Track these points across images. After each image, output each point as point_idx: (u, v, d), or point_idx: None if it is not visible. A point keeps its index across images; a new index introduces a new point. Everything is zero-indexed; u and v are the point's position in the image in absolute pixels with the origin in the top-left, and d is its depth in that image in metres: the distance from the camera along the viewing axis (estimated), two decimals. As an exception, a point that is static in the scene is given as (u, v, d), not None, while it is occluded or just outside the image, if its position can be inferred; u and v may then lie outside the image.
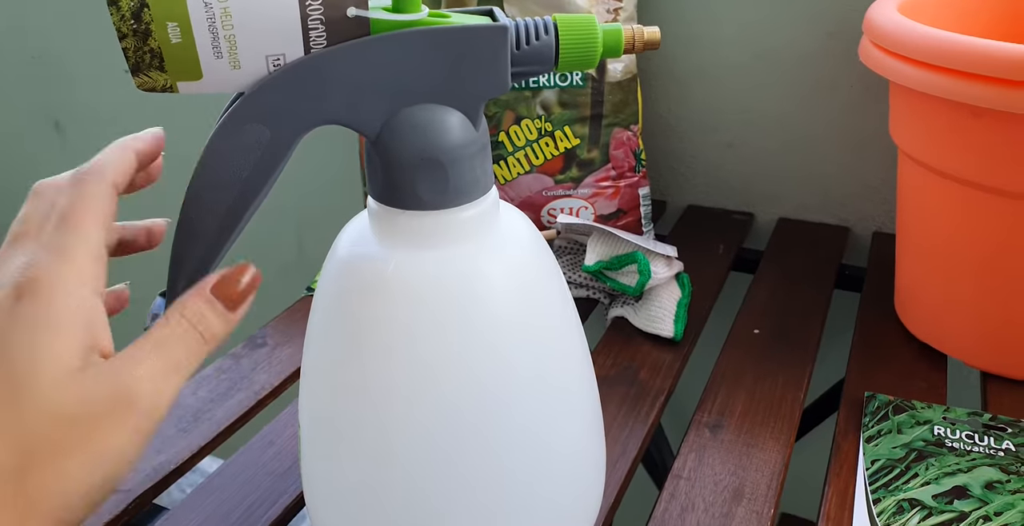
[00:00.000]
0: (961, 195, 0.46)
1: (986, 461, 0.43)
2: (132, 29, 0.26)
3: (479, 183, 0.29)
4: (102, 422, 0.23)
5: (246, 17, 0.26)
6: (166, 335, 0.25)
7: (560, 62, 0.29)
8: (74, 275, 0.24)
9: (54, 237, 0.25)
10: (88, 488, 0.23)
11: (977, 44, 0.39)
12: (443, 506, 0.31)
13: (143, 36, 0.26)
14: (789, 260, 0.64)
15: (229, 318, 0.26)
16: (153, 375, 0.24)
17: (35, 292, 0.24)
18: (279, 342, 0.56)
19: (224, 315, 0.26)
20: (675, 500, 0.42)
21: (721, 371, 0.52)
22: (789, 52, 0.66)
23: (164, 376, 0.25)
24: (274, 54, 0.27)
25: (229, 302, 0.26)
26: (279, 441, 0.47)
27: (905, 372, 0.51)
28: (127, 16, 0.25)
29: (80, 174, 0.27)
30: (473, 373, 0.29)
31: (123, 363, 0.24)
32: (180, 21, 0.26)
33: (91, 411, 0.23)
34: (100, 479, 0.24)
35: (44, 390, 0.23)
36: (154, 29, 0.26)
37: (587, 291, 0.59)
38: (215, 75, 0.27)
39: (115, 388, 0.24)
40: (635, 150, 0.62)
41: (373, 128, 0.28)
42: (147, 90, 0.27)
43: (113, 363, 0.24)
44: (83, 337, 0.24)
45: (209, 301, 0.26)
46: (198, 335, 0.26)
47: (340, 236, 0.31)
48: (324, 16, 0.26)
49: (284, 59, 0.27)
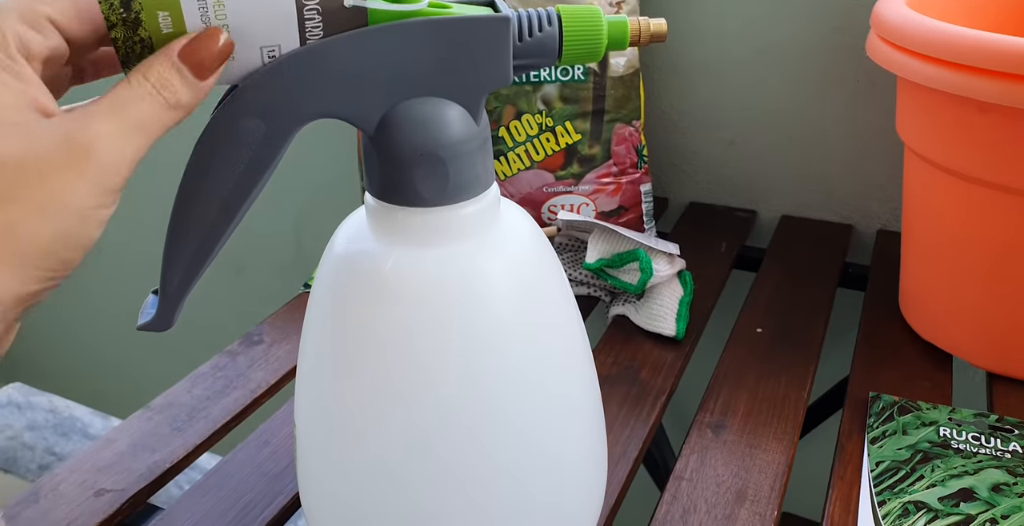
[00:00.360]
0: (968, 192, 0.45)
1: (993, 463, 0.42)
2: (121, 18, 0.25)
3: (480, 179, 0.28)
4: (53, 172, 0.23)
5: (240, 6, 0.25)
6: (126, 95, 0.24)
7: (564, 55, 0.29)
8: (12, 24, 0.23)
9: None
10: (42, 238, 0.23)
11: (985, 39, 0.39)
12: (440, 506, 0.30)
13: (133, 25, 0.25)
14: (792, 258, 0.64)
15: (198, 86, 0.25)
16: (111, 132, 0.24)
17: None
18: (276, 339, 0.55)
19: (192, 82, 0.25)
20: (677, 502, 0.41)
21: (723, 370, 0.51)
22: (794, 47, 0.65)
23: (123, 134, 0.24)
24: (269, 45, 0.26)
25: (198, 68, 0.25)
26: (275, 440, 0.46)
27: (910, 372, 0.50)
28: (116, 5, 0.25)
29: None
30: (472, 372, 0.28)
31: (74, 118, 0.23)
32: (171, 10, 0.25)
33: (39, 161, 0.23)
34: (56, 230, 0.23)
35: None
36: (144, 18, 0.25)
37: (588, 289, 0.59)
38: None
39: (67, 141, 0.23)
40: (637, 146, 0.62)
41: (370, 122, 0.27)
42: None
43: (62, 118, 0.23)
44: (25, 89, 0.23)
45: (176, 66, 0.25)
46: (162, 99, 0.24)
47: (337, 233, 0.31)
48: (320, 6, 0.26)
49: (279, 51, 0.26)
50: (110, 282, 1.18)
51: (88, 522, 0.40)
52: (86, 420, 0.94)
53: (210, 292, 1.06)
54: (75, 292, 1.24)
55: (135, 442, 0.46)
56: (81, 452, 0.45)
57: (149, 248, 0.34)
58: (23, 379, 1.06)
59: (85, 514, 0.41)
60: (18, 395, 0.96)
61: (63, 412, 0.94)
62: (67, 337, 1.32)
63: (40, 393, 0.97)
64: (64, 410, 0.95)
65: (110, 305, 1.21)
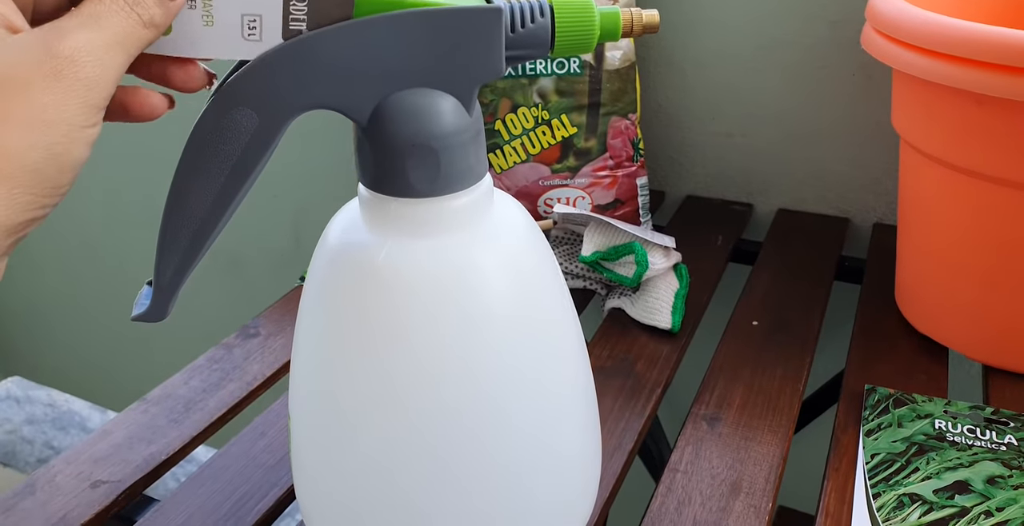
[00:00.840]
0: (964, 185, 0.45)
1: (988, 456, 0.42)
2: None
3: (472, 170, 0.28)
4: (36, 85, 0.22)
5: None
6: (100, 10, 0.24)
7: (556, 46, 0.29)
8: None
9: None
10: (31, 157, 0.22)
11: (980, 31, 0.39)
12: (433, 498, 0.30)
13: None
14: (788, 251, 0.64)
15: (168, 5, 0.25)
16: (92, 46, 0.23)
17: None
18: (272, 332, 0.55)
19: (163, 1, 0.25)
20: (672, 494, 0.41)
21: (719, 363, 0.51)
22: (791, 41, 0.65)
23: (104, 49, 0.23)
24: (251, 14, 0.26)
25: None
26: (271, 432, 0.46)
27: (906, 365, 0.50)
28: None
29: None
30: (465, 363, 0.28)
31: (50, 31, 0.23)
32: None
33: (20, 74, 0.22)
34: (45, 148, 0.23)
35: None
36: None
37: (584, 282, 0.59)
38: (186, 29, 0.26)
39: (48, 53, 0.23)
40: (633, 139, 0.62)
41: (363, 113, 0.27)
42: None
43: (37, 32, 0.23)
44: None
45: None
46: (136, 16, 0.24)
47: (330, 224, 0.31)
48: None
49: (260, 21, 0.26)
50: (107, 277, 1.18)
51: (84, 513, 0.41)
52: (84, 414, 0.94)
53: (207, 286, 1.06)
54: (73, 286, 1.24)
55: (131, 434, 0.46)
56: (78, 444, 0.45)
57: (145, 241, 0.34)
58: (22, 373, 1.06)
59: (81, 505, 0.41)
60: (17, 389, 0.96)
61: (62, 406, 0.95)
62: (65, 331, 1.32)
63: (39, 387, 0.97)
64: (63, 404, 0.95)
65: (108, 299, 1.21)
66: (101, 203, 1.07)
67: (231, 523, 0.40)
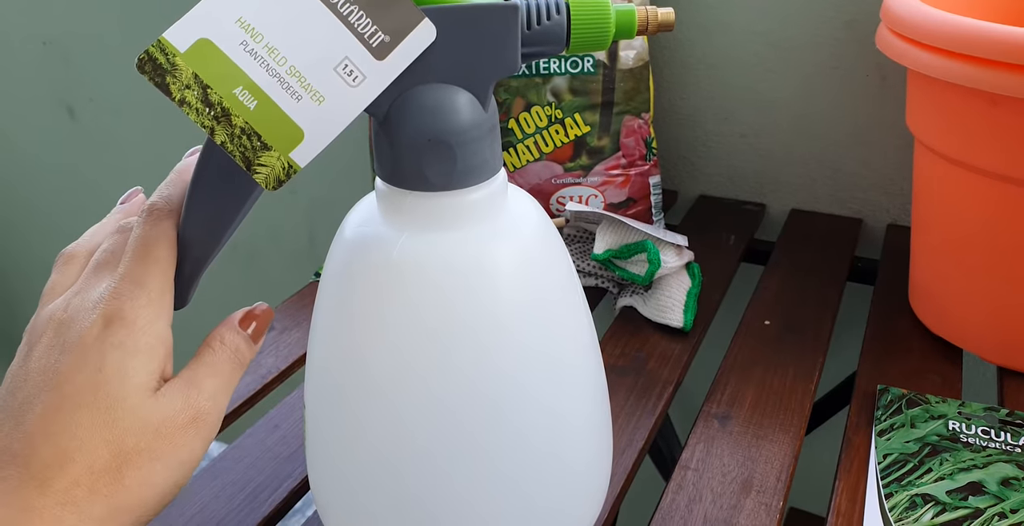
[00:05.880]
0: (978, 185, 0.45)
1: (1002, 457, 0.42)
2: (214, 118, 0.25)
3: (487, 164, 0.29)
4: (180, 434, 0.28)
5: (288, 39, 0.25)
6: (216, 360, 0.30)
7: (572, 43, 0.29)
8: (154, 307, 0.28)
9: (134, 268, 0.28)
10: (165, 490, 0.28)
11: (996, 31, 0.39)
12: (448, 490, 0.30)
13: (226, 117, 0.25)
14: (801, 252, 0.64)
15: (254, 348, 0.31)
16: (214, 394, 0.29)
17: (122, 320, 0.27)
18: (287, 326, 0.56)
19: (251, 344, 0.31)
20: (683, 491, 0.41)
21: (731, 362, 0.51)
22: (805, 41, 0.65)
23: (220, 394, 0.29)
24: (337, 62, 0.26)
25: (256, 335, 0.31)
26: (284, 424, 0.47)
27: (919, 366, 0.50)
28: (200, 108, 0.25)
29: (155, 209, 0.29)
30: (480, 355, 0.29)
31: (188, 385, 0.28)
32: (240, 80, 0.25)
33: (173, 424, 0.27)
34: (174, 483, 0.28)
35: (134, 406, 0.27)
36: (228, 104, 0.25)
37: (596, 280, 0.59)
38: (310, 123, 0.26)
39: (188, 405, 0.28)
40: (646, 138, 0.62)
41: (380, 108, 0.27)
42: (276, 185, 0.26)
43: (179, 385, 0.28)
44: (160, 364, 0.28)
45: (241, 333, 0.31)
46: (237, 361, 0.30)
47: (347, 217, 0.31)
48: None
49: (351, 63, 0.26)
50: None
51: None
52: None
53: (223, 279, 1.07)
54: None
55: (147, 427, 0.46)
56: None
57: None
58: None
59: (97, 496, 0.41)
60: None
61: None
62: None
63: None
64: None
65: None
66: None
67: (245, 514, 0.41)
